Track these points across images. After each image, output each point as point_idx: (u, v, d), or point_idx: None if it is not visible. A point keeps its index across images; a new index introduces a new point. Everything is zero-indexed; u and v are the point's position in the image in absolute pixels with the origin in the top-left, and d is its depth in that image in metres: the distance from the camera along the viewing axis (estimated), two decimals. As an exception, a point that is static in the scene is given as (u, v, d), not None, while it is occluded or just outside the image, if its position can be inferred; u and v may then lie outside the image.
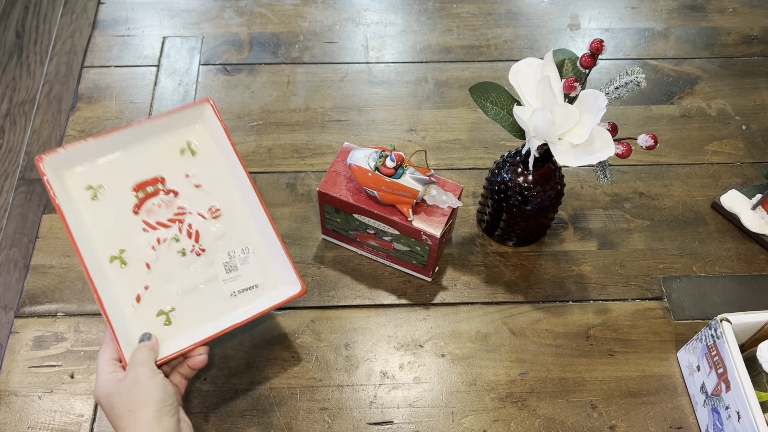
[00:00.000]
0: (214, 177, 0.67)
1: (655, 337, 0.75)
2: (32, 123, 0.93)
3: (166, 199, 0.65)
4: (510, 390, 0.72)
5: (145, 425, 0.53)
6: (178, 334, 0.63)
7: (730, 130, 0.93)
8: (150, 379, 0.56)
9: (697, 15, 1.07)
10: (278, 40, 1.02)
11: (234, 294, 0.66)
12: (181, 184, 0.66)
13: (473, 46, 1.02)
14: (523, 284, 0.79)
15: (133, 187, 0.65)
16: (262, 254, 0.67)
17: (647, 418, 0.70)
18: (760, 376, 0.63)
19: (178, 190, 0.66)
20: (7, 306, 0.77)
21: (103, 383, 0.57)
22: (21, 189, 0.86)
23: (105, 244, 0.62)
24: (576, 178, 0.88)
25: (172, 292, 0.64)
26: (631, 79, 0.62)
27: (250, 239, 0.67)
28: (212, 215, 0.67)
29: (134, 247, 0.63)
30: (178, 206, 0.66)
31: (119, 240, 0.63)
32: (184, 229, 0.65)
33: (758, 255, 0.82)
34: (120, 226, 0.63)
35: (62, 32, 1.03)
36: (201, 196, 0.67)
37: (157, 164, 0.66)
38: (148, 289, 0.63)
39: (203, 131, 0.67)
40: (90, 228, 0.62)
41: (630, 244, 0.83)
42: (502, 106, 0.68)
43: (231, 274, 0.66)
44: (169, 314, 0.63)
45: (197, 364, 0.61)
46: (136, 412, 0.54)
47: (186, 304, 0.64)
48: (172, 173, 0.66)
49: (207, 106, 0.66)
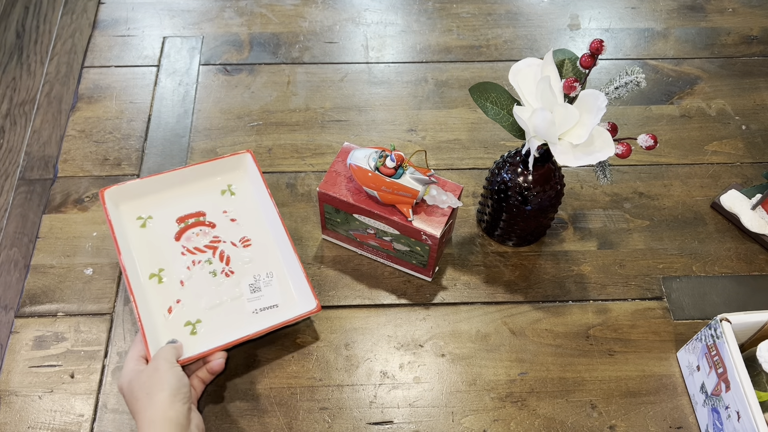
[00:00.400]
0: (248, 213, 0.78)
1: (655, 337, 0.75)
2: (32, 123, 0.93)
3: (204, 230, 0.77)
4: (510, 390, 0.72)
5: (160, 406, 0.59)
6: (201, 342, 0.69)
7: (730, 130, 0.93)
8: (168, 370, 0.62)
9: (696, 15, 1.08)
10: (278, 40, 1.02)
11: (256, 312, 0.72)
12: (219, 218, 0.78)
13: (473, 46, 1.02)
14: (522, 284, 0.79)
15: (176, 219, 0.77)
16: (284, 279, 0.75)
17: (647, 417, 0.70)
18: (760, 376, 0.63)
19: (216, 223, 0.77)
20: (8, 306, 0.77)
21: (127, 372, 0.64)
22: (21, 189, 0.86)
23: (147, 264, 0.73)
24: (576, 178, 0.88)
25: (200, 306, 0.72)
26: (631, 79, 0.62)
27: (275, 266, 0.75)
28: (243, 244, 0.76)
29: (172, 268, 0.74)
30: (213, 235, 0.76)
31: (159, 261, 0.74)
32: (217, 254, 0.75)
33: (758, 255, 0.82)
34: (162, 249, 0.74)
35: (62, 32, 1.03)
36: (235, 228, 0.77)
37: (200, 201, 0.78)
38: (180, 303, 0.72)
39: (242, 176, 0.80)
40: (135, 250, 0.73)
41: (630, 244, 0.83)
42: (502, 106, 0.68)
43: (255, 294, 0.73)
44: (196, 325, 0.71)
45: (215, 368, 0.67)
46: (153, 395, 0.60)
47: (211, 317, 0.72)
48: (212, 209, 0.78)
49: (247, 155, 0.79)
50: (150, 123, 0.92)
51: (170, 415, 0.59)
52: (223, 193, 0.79)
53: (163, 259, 0.74)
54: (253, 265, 0.75)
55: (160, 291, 0.72)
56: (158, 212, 0.77)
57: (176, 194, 0.78)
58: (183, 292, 0.72)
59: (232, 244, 0.76)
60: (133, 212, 0.76)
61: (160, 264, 0.74)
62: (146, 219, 0.76)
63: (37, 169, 0.87)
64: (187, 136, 0.91)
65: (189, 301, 0.72)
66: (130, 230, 0.75)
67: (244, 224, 0.77)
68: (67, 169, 0.87)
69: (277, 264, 0.75)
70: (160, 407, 0.59)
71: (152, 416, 0.59)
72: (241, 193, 0.79)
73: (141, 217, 0.76)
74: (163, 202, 0.77)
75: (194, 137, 0.91)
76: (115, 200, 0.75)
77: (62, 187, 0.85)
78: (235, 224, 0.77)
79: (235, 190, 0.79)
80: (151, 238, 0.75)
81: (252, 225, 0.77)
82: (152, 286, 0.72)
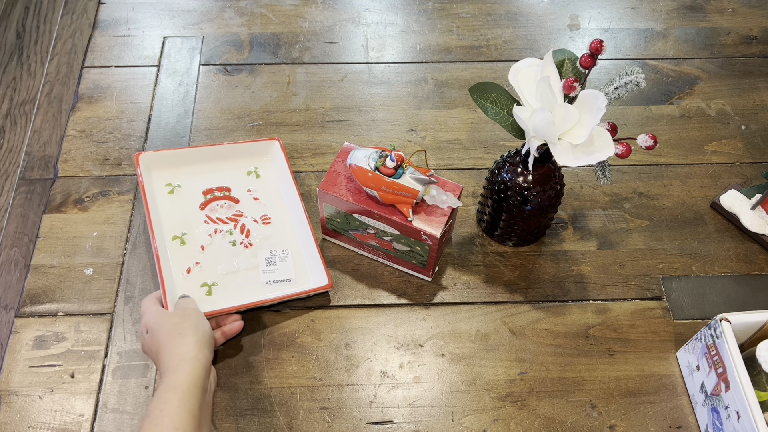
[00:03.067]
0: (271, 194, 0.83)
1: (655, 337, 0.75)
2: (33, 123, 0.93)
3: (228, 203, 0.81)
4: (510, 389, 0.72)
5: (192, 347, 0.62)
6: (216, 303, 0.73)
7: (730, 130, 0.94)
8: (199, 317, 0.67)
9: (696, 15, 1.08)
10: (278, 40, 1.02)
11: (269, 282, 0.76)
12: (243, 195, 0.82)
13: (473, 47, 1.02)
14: (522, 284, 0.79)
15: (203, 191, 0.81)
16: (300, 257, 0.78)
17: (647, 417, 0.70)
18: (760, 376, 0.63)
19: (239, 199, 0.82)
20: (8, 306, 0.77)
21: (155, 312, 0.67)
22: (21, 189, 0.86)
23: (171, 227, 0.78)
24: (575, 178, 0.88)
25: (218, 271, 0.76)
26: (631, 80, 0.62)
27: (291, 244, 0.79)
28: (263, 221, 0.80)
29: (194, 232, 0.78)
30: (236, 210, 0.81)
31: (184, 226, 0.79)
32: (238, 227, 0.79)
33: (757, 255, 0.82)
34: (186, 216, 0.79)
35: (63, 32, 1.03)
36: (257, 206, 0.81)
37: (227, 178, 0.83)
38: (199, 265, 0.76)
39: (269, 161, 0.85)
40: (162, 213, 0.79)
41: (629, 244, 0.83)
42: (501, 106, 0.68)
43: (270, 267, 0.77)
44: (212, 287, 0.75)
45: (234, 330, 0.71)
46: (186, 336, 0.63)
47: (227, 282, 0.76)
48: (237, 186, 0.82)
49: (276, 142, 0.84)
50: (150, 123, 0.92)
51: (200, 357, 0.62)
52: (249, 174, 0.84)
53: (186, 224, 0.79)
54: (270, 241, 0.79)
55: (182, 252, 0.77)
56: (186, 182, 0.82)
57: (205, 168, 0.83)
58: (203, 255, 0.77)
59: (254, 220, 0.80)
60: (164, 179, 0.81)
61: (183, 228, 0.78)
62: (175, 186, 0.81)
63: (37, 169, 0.87)
64: (188, 136, 0.91)
65: (208, 264, 0.76)
66: (159, 194, 0.80)
67: (266, 203, 0.82)
68: (67, 169, 0.87)
69: (294, 243, 0.79)
70: (192, 348, 0.62)
71: (184, 354, 0.61)
72: (265, 176, 0.84)
73: (170, 184, 0.81)
74: (192, 174, 0.82)
75: (194, 137, 0.91)
76: (148, 165, 0.80)
77: (62, 187, 0.86)
78: (258, 203, 0.82)
79: (260, 173, 0.84)
80: (178, 203, 0.80)
81: (273, 205, 0.82)
82: (175, 247, 0.77)
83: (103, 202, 0.84)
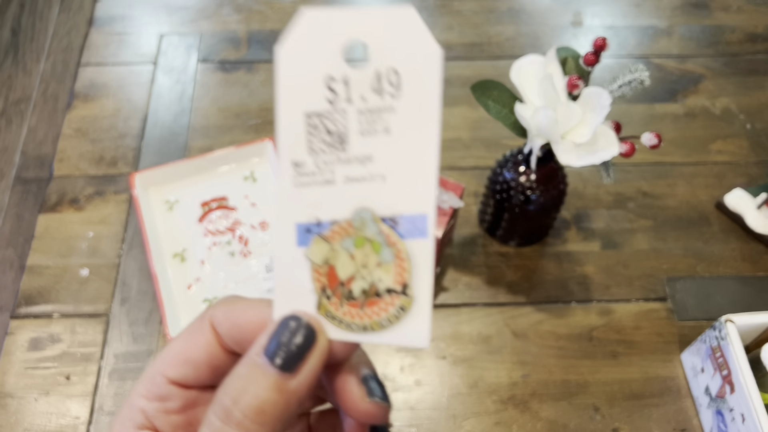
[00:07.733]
0: (268, 198, 0.82)
1: (659, 339, 0.74)
2: (28, 121, 0.92)
3: (225, 213, 0.81)
4: (512, 392, 0.71)
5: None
6: None
7: (735, 129, 0.92)
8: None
9: (701, 12, 1.06)
10: (277, 37, 1.01)
11: (270, 290, 0.77)
12: (240, 202, 0.82)
13: (474, 44, 1.01)
14: (525, 285, 0.78)
15: (201, 203, 0.81)
16: None
17: (651, 420, 0.69)
18: (765, 378, 0.62)
19: (237, 207, 0.81)
20: (3, 307, 0.76)
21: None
22: (17, 189, 0.85)
23: (171, 244, 0.78)
24: (579, 178, 0.87)
25: (218, 284, 0.76)
26: (635, 77, 0.61)
27: None
28: (261, 227, 0.80)
29: (194, 248, 0.78)
30: (234, 218, 0.81)
31: (183, 242, 0.78)
32: (236, 236, 0.79)
33: (763, 255, 0.81)
34: (186, 231, 0.79)
35: (58, 30, 1.02)
36: (255, 212, 0.81)
37: (224, 186, 0.83)
38: (199, 280, 0.76)
39: (263, 162, 0.84)
40: (161, 232, 0.78)
41: (633, 244, 0.82)
42: (504, 104, 0.67)
43: (270, 274, 0.77)
44: (213, 301, 0.74)
45: None
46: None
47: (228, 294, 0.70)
48: (234, 194, 0.82)
49: (268, 143, 0.84)
50: (147, 121, 0.91)
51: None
52: (245, 179, 0.83)
53: (186, 240, 0.79)
54: (269, 247, 0.79)
55: (182, 269, 0.76)
56: (184, 197, 0.81)
57: (201, 179, 0.82)
58: (203, 270, 0.77)
59: (251, 227, 0.80)
60: (161, 196, 0.81)
61: (183, 244, 0.78)
62: (173, 203, 0.81)
63: (32, 169, 0.86)
64: (185, 135, 0.90)
65: (208, 279, 0.76)
66: (158, 213, 0.80)
67: (264, 208, 0.82)
68: (62, 169, 0.86)
69: None
70: None
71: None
72: (262, 179, 0.83)
73: (168, 201, 0.81)
74: (190, 188, 0.82)
75: (192, 136, 0.90)
76: (144, 184, 0.80)
77: (58, 187, 0.84)
78: (255, 208, 0.81)
79: (257, 177, 0.83)
80: (177, 219, 0.80)
81: (271, 209, 0.82)
82: (175, 265, 0.77)
83: (98, 202, 0.83)
